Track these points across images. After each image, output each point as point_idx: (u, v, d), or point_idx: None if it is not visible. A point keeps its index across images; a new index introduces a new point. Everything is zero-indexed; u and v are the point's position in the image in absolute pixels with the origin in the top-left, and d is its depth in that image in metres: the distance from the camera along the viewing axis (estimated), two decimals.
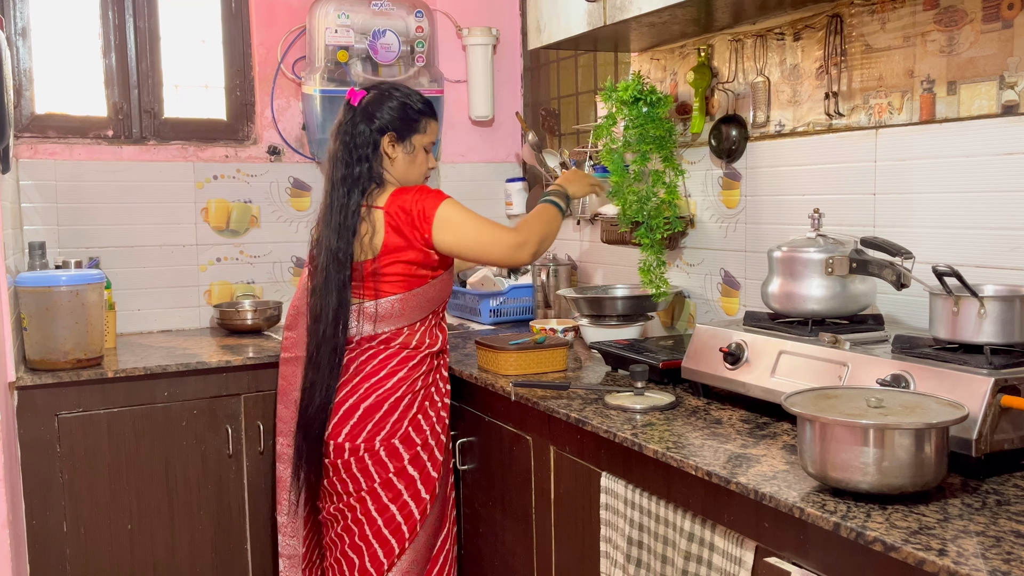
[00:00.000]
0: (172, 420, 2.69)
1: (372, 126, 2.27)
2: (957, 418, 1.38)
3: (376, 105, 2.29)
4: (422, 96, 2.35)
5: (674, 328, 2.82)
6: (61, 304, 2.54)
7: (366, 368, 2.29)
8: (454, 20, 3.66)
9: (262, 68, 3.44)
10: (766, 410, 1.92)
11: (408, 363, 2.29)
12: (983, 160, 1.88)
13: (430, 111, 2.34)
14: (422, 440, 2.30)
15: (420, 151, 2.33)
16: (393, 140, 2.28)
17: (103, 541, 2.62)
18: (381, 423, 2.26)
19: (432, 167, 2.38)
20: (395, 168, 2.31)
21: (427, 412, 2.33)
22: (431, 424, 2.33)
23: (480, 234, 2.24)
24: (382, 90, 2.33)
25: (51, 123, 3.14)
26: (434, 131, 2.36)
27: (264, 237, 3.45)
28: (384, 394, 2.27)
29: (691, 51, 2.66)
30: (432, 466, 2.31)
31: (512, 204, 3.66)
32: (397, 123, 2.28)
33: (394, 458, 2.26)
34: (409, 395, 2.29)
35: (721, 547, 1.59)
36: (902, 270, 1.81)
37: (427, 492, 2.29)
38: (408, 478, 2.27)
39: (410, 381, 2.29)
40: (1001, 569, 1.13)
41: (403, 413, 2.28)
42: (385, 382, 2.27)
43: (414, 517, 2.27)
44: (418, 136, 2.31)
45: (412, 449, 2.28)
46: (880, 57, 2.09)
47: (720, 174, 2.59)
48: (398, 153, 2.30)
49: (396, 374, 2.28)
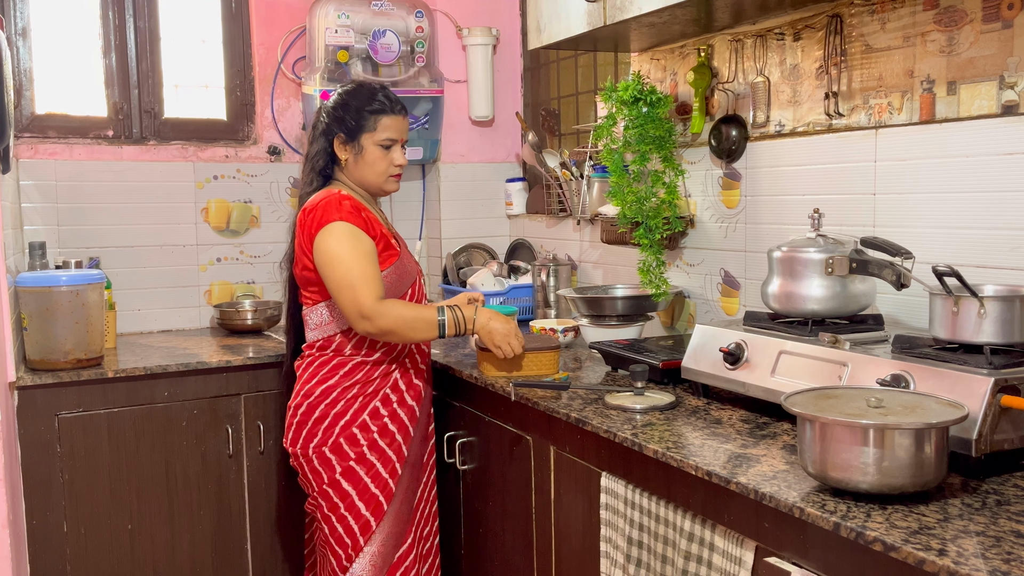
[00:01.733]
0: (172, 420, 2.70)
1: (326, 128, 2.27)
2: (957, 418, 1.38)
3: (331, 106, 2.28)
4: (382, 93, 2.28)
5: (674, 328, 2.82)
6: (61, 304, 2.54)
7: (304, 375, 2.29)
8: (454, 20, 3.66)
9: (262, 68, 3.44)
10: (766, 410, 1.92)
11: (339, 370, 2.26)
12: (983, 160, 1.88)
13: (385, 108, 2.25)
14: (356, 454, 2.24)
15: (371, 150, 2.25)
16: (342, 141, 2.26)
17: (103, 541, 2.62)
18: (313, 430, 2.25)
19: (399, 164, 2.29)
20: (348, 170, 2.28)
21: (367, 425, 2.25)
22: (370, 437, 2.25)
23: (343, 276, 2.12)
24: (339, 90, 2.31)
25: (51, 123, 3.14)
26: (391, 128, 2.26)
27: (264, 237, 3.46)
28: (314, 401, 2.25)
29: (691, 51, 2.66)
30: (372, 480, 2.25)
31: (512, 204, 3.66)
32: (342, 123, 2.24)
33: (326, 467, 2.24)
34: (341, 402, 2.25)
35: (721, 547, 1.59)
36: (902, 270, 1.81)
37: (367, 508, 2.24)
38: (342, 490, 2.24)
39: (340, 388, 2.25)
40: (1001, 569, 1.13)
41: (333, 421, 2.24)
42: (315, 389, 2.25)
43: (363, 519, 2.24)
44: (367, 135, 2.24)
45: (344, 461, 2.24)
46: (880, 57, 2.09)
47: (720, 174, 2.59)
48: (348, 154, 2.26)
49: (325, 382, 2.25)
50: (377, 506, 2.25)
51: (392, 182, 2.31)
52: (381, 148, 2.26)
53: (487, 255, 3.70)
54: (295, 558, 2.85)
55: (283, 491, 2.85)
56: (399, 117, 2.28)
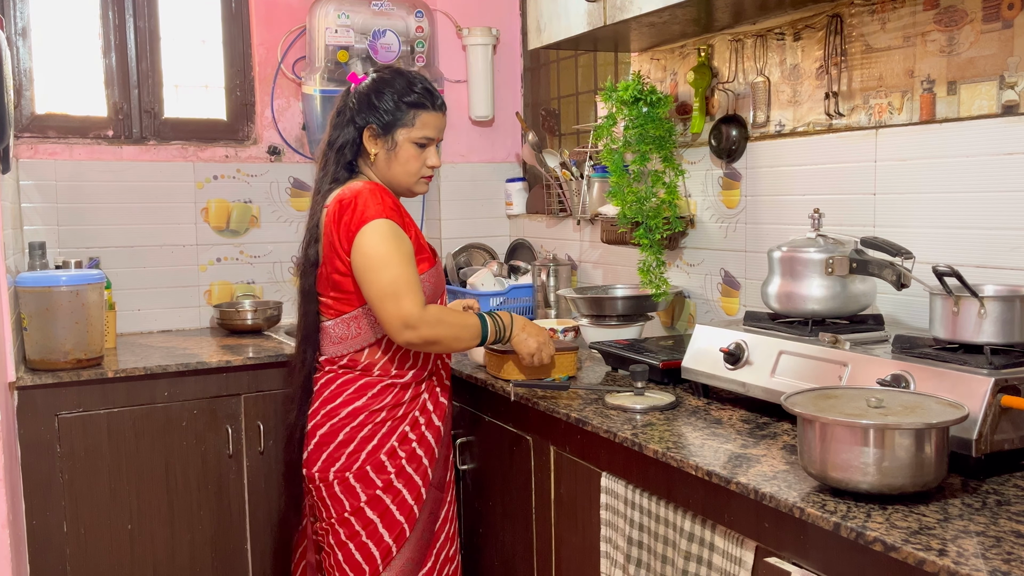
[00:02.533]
0: (172, 420, 2.69)
1: (356, 117, 2.06)
2: (957, 418, 1.38)
3: (363, 92, 2.06)
4: (422, 85, 2.08)
5: (674, 328, 2.82)
6: (61, 304, 2.54)
7: (326, 393, 2.09)
8: (454, 20, 3.66)
9: (262, 68, 3.44)
10: (766, 410, 1.92)
11: (367, 391, 2.07)
12: (983, 160, 1.88)
13: (425, 103, 2.06)
14: (383, 481, 2.06)
15: (405, 147, 2.05)
16: (374, 134, 2.05)
17: (103, 541, 2.62)
18: (335, 453, 2.06)
19: (433, 166, 2.11)
20: (376, 166, 2.08)
21: (395, 451, 2.08)
22: (398, 464, 2.08)
23: (389, 283, 1.93)
24: (378, 75, 2.09)
25: (51, 123, 3.14)
26: (430, 126, 2.07)
27: (264, 237, 3.45)
28: (338, 423, 2.06)
29: (691, 51, 2.66)
30: (397, 508, 2.08)
31: (512, 204, 3.66)
32: (378, 114, 2.04)
33: (350, 495, 2.06)
34: (369, 426, 2.06)
35: (721, 547, 1.59)
36: (902, 270, 1.81)
37: (390, 535, 2.07)
38: (365, 518, 2.07)
39: (368, 412, 2.06)
40: (1001, 569, 1.13)
41: (359, 446, 2.05)
42: (339, 410, 2.07)
43: (385, 546, 2.07)
44: (403, 130, 2.04)
45: (370, 490, 2.06)
46: (880, 57, 2.09)
47: (720, 174, 2.59)
48: (379, 148, 2.06)
49: (352, 403, 2.06)
50: (400, 533, 2.09)
51: (422, 184, 2.12)
52: (416, 146, 2.06)
53: (487, 255, 3.70)
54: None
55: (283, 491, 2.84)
56: (439, 114, 2.09)
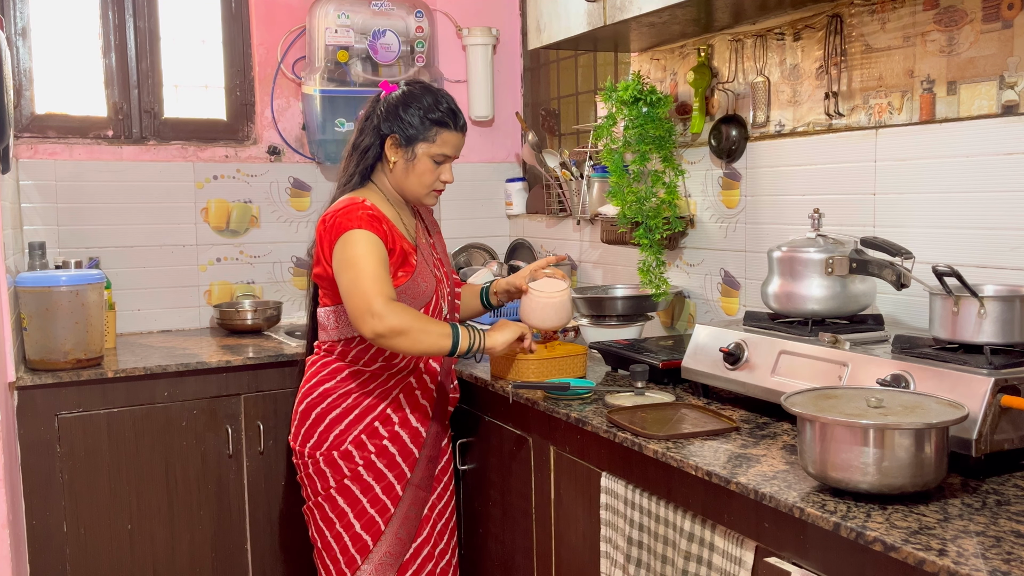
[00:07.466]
0: (172, 420, 2.69)
1: (381, 124, 2.16)
2: (957, 418, 1.38)
3: (392, 103, 2.17)
4: (448, 105, 2.17)
5: (674, 328, 2.82)
6: (61, 304, 2.54)
7: (308, 372, 2.26)
8: (454, 20, 3.66)
9: (262, 68, 3.44)
10: (766, 410, 1.92)
11: (336, 375, 2.20)
12: (983, 160, 1.88)
13: (448, 123, 2.15)
14: (351, 472, 2.17)
15: (423, 161, 2.15)
16: (396, 143, 2.15)
17: (103, 541, 2.62)
18: (310, 431, 2.20)
19: (446, 181, 2.20)
20: (393, 173, 2.19)
21: (363, 443, 2.18)
22: (366, 456, 2.17)
23: (354, 278, 2.02)
24: (408, 89, 2.19)
25: (51, 123, 3.14)
26: (449, 144, 2.17)
27: (264, 237, 3.45)
28: (312, 402, 2.20)
29: (691, 51, 2.66)
30: (369, 502, 2.17)
31: (512, 204, 3.66)
32: (402, 125, 2.14)
33: (321, 477, 2.19)
34: (337, 410, 2.18)
35: (721, 547, 1.59)
36: (902, 270, 1.81)
37: (361, 526, 2.17)
38: (336, 505, 2.18)
39: (337, 394, 2.18)
40: (1001, 569, 1.13)
41: (328, 428, 2.18)
42: (314, 390, 2.21)
43: (349, 548, 2.18)
44: (424, 144, 2.14)
45: (338, 476, 2.17)
46: (880, 57, 2.09)
47: (720, 174, 2.59)
48: (398, 157, 2.16)
49: (324, 384, 2.20)
50: (371, 525, 2.18)
51: (432, 196, 2.22)
52: (433, 162, 2.16)
53: (487, 255, 3.70)
54: (295, 558, 2.85)
55: (283, 491, 2.85)
56: (460, 135, 2.19)
